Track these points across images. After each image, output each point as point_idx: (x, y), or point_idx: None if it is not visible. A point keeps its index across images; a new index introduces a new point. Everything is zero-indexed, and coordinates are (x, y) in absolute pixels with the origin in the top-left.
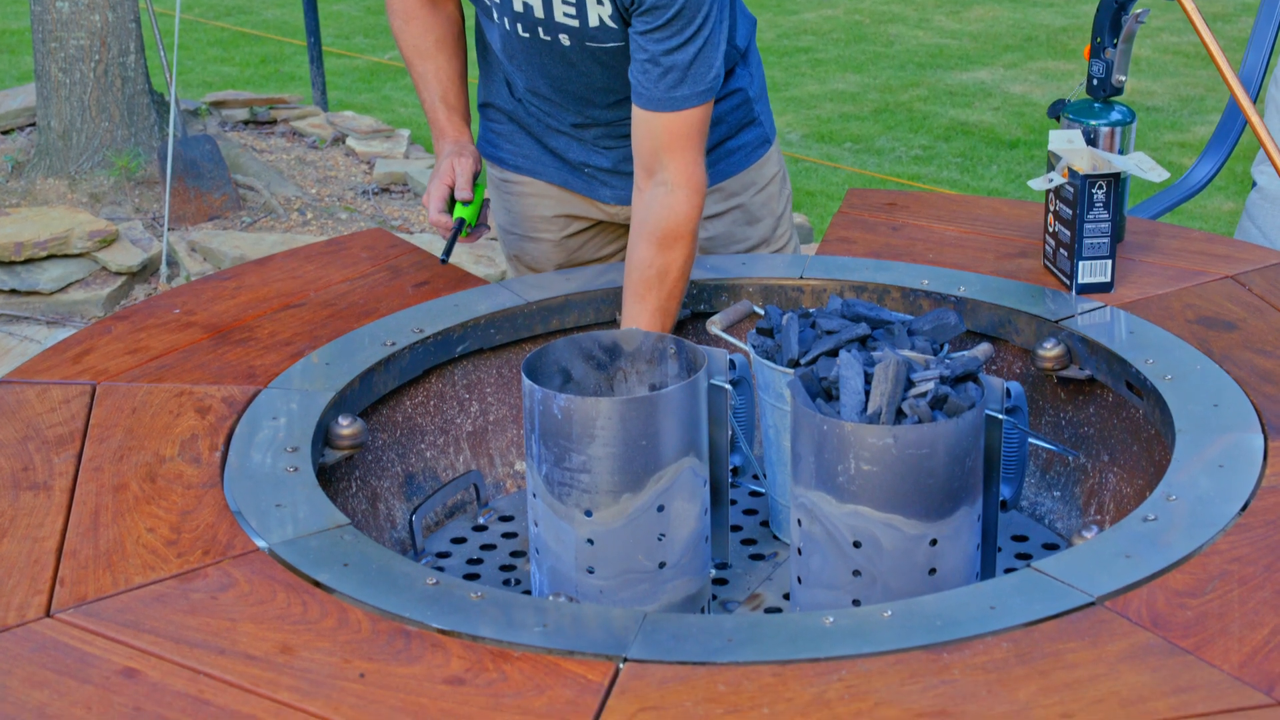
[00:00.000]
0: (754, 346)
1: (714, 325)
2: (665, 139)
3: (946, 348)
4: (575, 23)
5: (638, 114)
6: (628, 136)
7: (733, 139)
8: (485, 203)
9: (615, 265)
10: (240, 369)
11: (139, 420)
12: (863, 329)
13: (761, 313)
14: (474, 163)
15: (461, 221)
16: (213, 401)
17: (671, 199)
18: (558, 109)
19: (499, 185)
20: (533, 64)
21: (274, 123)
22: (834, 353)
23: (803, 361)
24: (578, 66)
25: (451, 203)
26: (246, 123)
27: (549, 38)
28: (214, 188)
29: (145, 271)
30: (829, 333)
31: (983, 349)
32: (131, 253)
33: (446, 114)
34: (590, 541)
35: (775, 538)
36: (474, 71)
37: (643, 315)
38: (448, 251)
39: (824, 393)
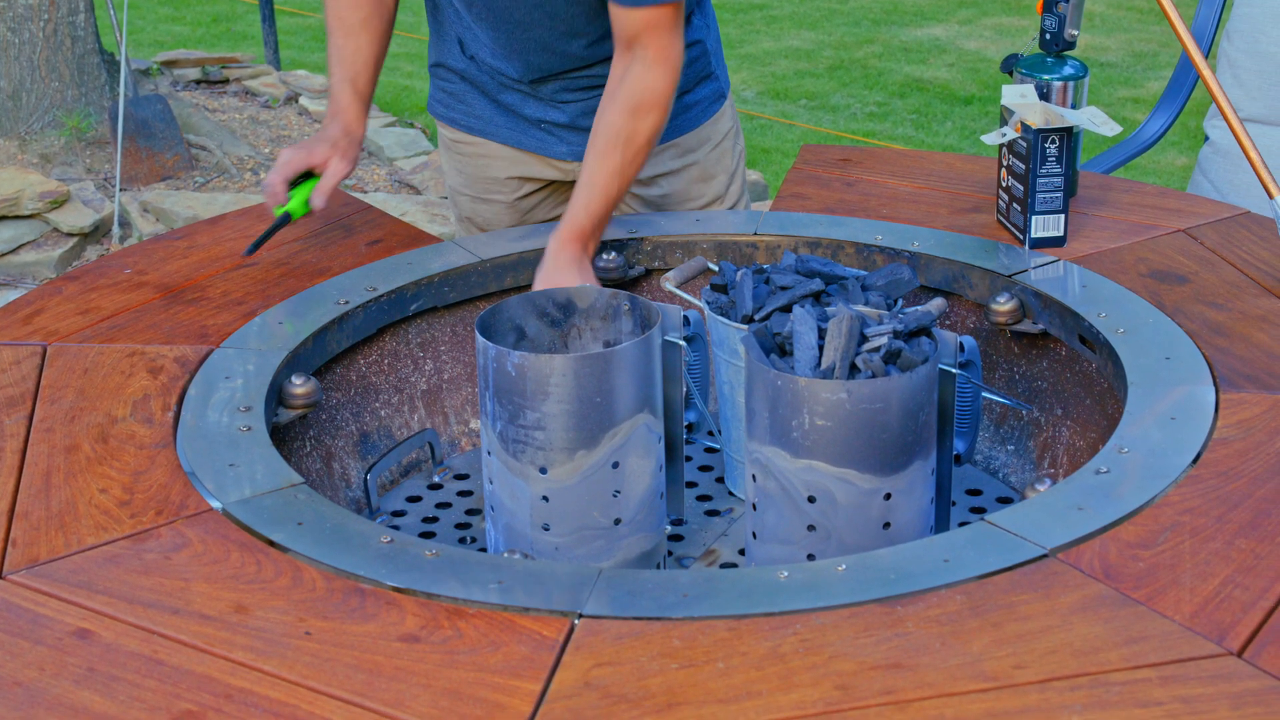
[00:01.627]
0: (708, 303)
1: (668, 281)
2: (642, 26)
3: (900, 303)
4: None
5: (615, 10)
6: (585, 90)
7: (690, 93)
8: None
9: None
10: (193, 328)
11: (90, 381)
12: (817, 284)
13: (715, 269)
14: (346, 166)
15: (287, 216)
16: (165, 361)
17: (648, 73)
18: (514, 63)
19: (450, 146)
20: (488, 18)
21: (226, 82)
22: (788, 308)
23: (757, 317)
24: (533, 21)
25: (295, 183)
26: (198, 82)
27: None
28: (166, 148)
29: (97, 232)
30: (783, 288)
31: (936, 304)
32: (83, 214)
33: (350, 98)
34: (545, 498)
35: (730, 493)
36: (425, 31)
37: (601, 173)
38: (257, 245)
39: (778, 348)
